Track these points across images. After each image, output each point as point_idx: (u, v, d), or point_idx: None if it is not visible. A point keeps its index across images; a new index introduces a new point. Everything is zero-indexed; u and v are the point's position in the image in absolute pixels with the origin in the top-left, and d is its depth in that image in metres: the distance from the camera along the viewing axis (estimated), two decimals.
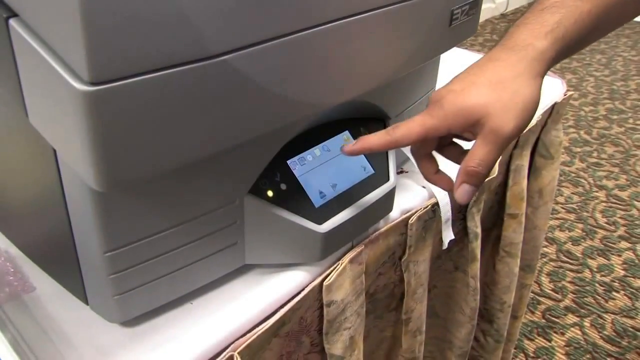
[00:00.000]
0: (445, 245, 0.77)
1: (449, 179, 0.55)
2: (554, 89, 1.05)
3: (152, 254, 0.49)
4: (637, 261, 1.84)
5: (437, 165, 0.55)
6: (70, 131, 0.38)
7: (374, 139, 0.52)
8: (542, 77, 0.50)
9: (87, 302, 0.53)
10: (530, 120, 0.48)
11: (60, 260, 0.53)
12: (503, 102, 0.47)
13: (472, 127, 0.48)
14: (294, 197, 0.56)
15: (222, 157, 0.49)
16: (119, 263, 0.48)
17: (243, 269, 0.59)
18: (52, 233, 0.52)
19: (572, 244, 1.93)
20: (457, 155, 0.54)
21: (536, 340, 1.59)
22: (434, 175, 0.55)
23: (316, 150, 0.60)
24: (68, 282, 0.54)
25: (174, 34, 0.37)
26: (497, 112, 0.47)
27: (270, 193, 0.55)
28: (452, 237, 0.77)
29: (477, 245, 0.88)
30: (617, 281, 1.77)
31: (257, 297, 0.57)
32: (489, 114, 0.47)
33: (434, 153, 0.56)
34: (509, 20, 4.04)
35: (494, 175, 0.82)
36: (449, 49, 0.67)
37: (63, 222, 0.48)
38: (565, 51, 0.52)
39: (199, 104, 0.41)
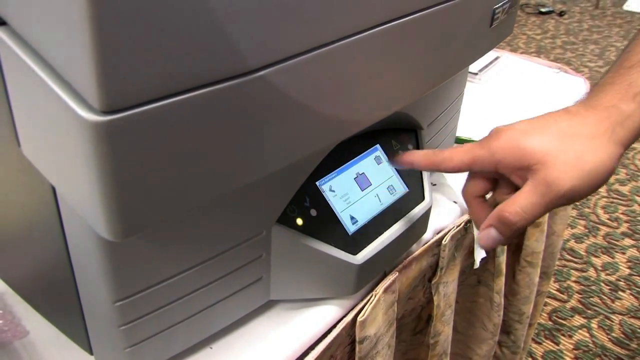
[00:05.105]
0: (477, 264, 0.71)
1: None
2: (575, 89, 0.99)
3: (169, 299, 0.42)
4: None
5: (490, 211, 0.48)
6: (75, 169, 0.30)
7: (420, 154, 0.49)
8: (624, 146, 0.42)
9: (91, 352, 0.46)
10: (594, 190, 0.41)
11: (60, 306, 0.45)
12: (568, 157, 0.40)
13: (522, 171, 0.42)
14: (325, 224, 0.49)
15: (251, 185, 0.42)
16: (131, 312, 0.40)
17: (267, 305, 0.52)
18: (50, 277, 0.44)
19: (575, 242, 1.89)
20: (503, 195, 0.47)
21: (544, 343, 1.54)
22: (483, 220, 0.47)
23: (346, 168, 0.53)
24: (68, 330, 0.47)
25: (206, 47, 0.30)
26: (557, 165, 0.40)
27: (299, 221, 0.48)
28: (484, 254, 0.71)
29: (503, 260, 0.82)
30: (622, 280, 1.73)
31: (284, 338, 0.50)
32: (546, 162, 0.40)
33: None
34: None
35: None
36: (488, 51, 0.61)
37: (63, 267, 0.40)
38: None
39: (233, 128, 0.34)
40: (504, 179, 0.46)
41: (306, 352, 0.50)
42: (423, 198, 0.58)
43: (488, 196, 0.49)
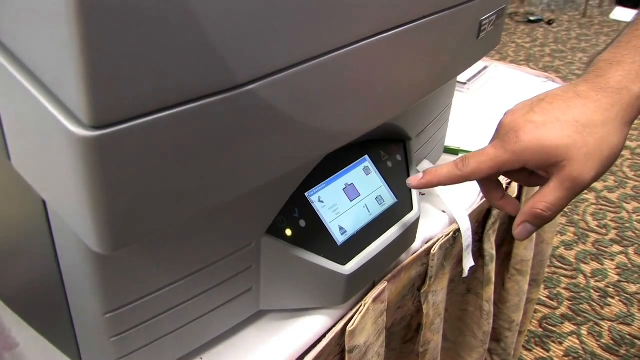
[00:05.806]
0: (466, 273, 0.71)
1: (516, 202, 0.51)
2: None
3: (159, 310, 0.42)
4: (629, 265, 1.82)
5: (504, 190, 0.51)
6: (65, 183, 0.31)
7: (443, 173, 0.49)
8: (631, 124, 0.45)
9: None
10: (608, 170, 0.44)
11: (50, 317, 0.45)
12: (588, 148, 0.43)
13: (548, 167, 0.44)
14: (314, 234, 0.50)
15: (241, 197, 0.42)
16: (122, 324, 0.41)
17: (256, 315, 0.53)
18: (41, 289, 0.44)
19: (565, 249, 1.90)
20: (526, 177, 0.50)
21: (534, 350, 1.55)
22: (500, 201, 0.51)
23: (334, 178, 0.54)
24: (59, 341, 0.47)
25: (194, 62, 0.30)
26: (580, 159, 0.43)
27: (289, 232, 0.48)
28: (473, 263, 0.72)
29: (492, 268, 0.83)
30: (611, 287, 1.74)
31: (274, 348, 0.50)
32: (571, 158, 0.43)
33: None
34: None
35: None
36: (475, 62, 0.62)
37: (54, 279, 0.40)
38: None
39: (222, 142, 0.34)
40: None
41: None
42: (412, 208, 0.59)
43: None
